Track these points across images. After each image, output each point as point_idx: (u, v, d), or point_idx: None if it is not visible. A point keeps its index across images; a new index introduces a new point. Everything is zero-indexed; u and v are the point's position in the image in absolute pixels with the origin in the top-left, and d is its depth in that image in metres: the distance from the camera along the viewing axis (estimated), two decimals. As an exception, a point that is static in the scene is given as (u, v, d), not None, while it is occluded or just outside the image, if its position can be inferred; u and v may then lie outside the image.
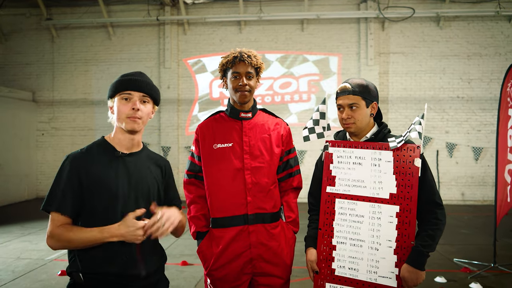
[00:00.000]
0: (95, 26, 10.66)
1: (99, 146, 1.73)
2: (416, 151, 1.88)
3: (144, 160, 1.78)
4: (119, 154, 1.71)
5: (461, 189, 9.87)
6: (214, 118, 2.26)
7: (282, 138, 2.24)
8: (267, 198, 2.14)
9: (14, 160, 10.00)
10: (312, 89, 10.16)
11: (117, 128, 1.74)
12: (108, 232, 1.55)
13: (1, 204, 9.37)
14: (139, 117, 1.69)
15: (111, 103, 1.74)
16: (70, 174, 1.61)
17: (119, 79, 1.72)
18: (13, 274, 4.58)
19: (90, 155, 1.68)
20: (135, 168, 1.72)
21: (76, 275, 1.61)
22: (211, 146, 2.17)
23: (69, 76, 10.83)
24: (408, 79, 10.05)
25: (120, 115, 1.69)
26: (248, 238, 2.09)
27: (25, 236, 6.37)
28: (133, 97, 1.69)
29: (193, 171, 2.24)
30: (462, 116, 9.93)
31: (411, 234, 1.84)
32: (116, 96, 1.70)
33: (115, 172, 1.67)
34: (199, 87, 10.46)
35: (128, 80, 1.70)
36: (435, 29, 9.99)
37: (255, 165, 2.13)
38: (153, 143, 10.48)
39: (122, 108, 1.68)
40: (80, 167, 1.63)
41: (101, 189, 1.62)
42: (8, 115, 9.87)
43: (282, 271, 2.14)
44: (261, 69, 2.18)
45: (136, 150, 1.78)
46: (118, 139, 1.74)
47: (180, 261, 4.95)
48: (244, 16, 10.10)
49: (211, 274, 2.12)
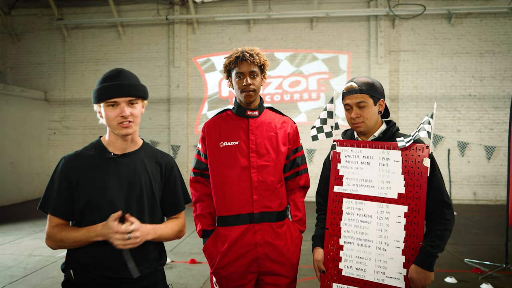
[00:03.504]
0: (106, 26, 10.75)
1: (93, 148, 1.72)
2: (425, 151, 1.85)
3: (140, 159, 1.74)
4: (110, 156, 1.69)
5: (473, 188, 9.73)
6: (220, 116, 2.26)
7: (289, 136, 2.22)
8: (273, 196, 2.13)
9: (26, 158, 10.15)
10: (321, 88, 10.11)
11: (109, 130, 1.71)
12: (94, 231, 1.57)
13: (14, 202, 9.55)
14: (131, 120, 1.64)
15: (98, 108, 1.67)
16: (62, 177, 1.63)
17: (101, 86, 1.62)
18: (25, 270, 4.64)
19: (83, 157, 1.68)
20: (128, 168, 1.69)
21: (67, 273, 1.64)
22: (217, 144, 2.16)
23: (80, 76, 10.94)
24: (419, 77, 9.94)
25: (111, 122, 1.64)
26: (253, 237, 2.08)
27: (37, 234, 6.45)
28: (119, 103, 1.62)
29: (199, 169, 2.24)
30: (474, 115, 9.79)
31: (420, 234, 1.82)
32: (102, 102, 1.63)
33: (105, 173, 1.65)
34: (208, 86, 10.48)
35: (110, 86, 1.60)
36: (447, 27, 9.85)
37: (261, 163, 2.12)
38: (162, 141, 10.54)
39: (111, 115, 1.62)
40: (73, 169, 1.64)
41: (91, 191, 1.62)
42: (21, 114, 10.02)
43: (288, 270, 2.13)
44: (265, 66, 2.17)
45: (131, 150, 1.74)
46: (111, 141, 1.72)
47: (188, 259, 4.98)
48: (253, 15, 10.09)
49: (217, 273, 2.13)
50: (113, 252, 1.60)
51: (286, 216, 2.20)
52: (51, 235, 1.61)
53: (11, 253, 5.36)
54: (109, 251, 1.59)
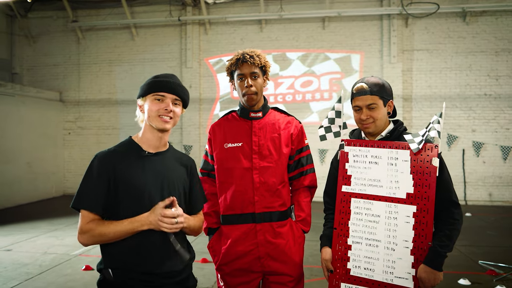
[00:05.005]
0: (119, 27, 10.89)
1: (126, 146, 1.76)
2: (433, 150, 1.84)
3: (170, 159, 1.82)
4: (145, 154, 1.74)
5: (488, 189, 9.57)
6: (226, 118, 2.30)
7: (292, 137, 2.22)
8: (275, 197, 2.15)
9: (42, 158, 10.35)
10: (333, 88, 10.06)
11: (146, 126, 1.77)
12: (138, 221, 1.60)
13: (30, 201, 9.73)
14: (171, 117, 1.74)
15: (142, 102, 1.77)
16: (99, 172, 1.64)
17: (153, 79, 1.74)
18: (40, 268, 4.74)
19: (118, 154, 1.71)
20: (162, 166, 1.75)
21: (106, 272, 1.65)
22: (222, 146, 2.21)
23: (94, 77, 11.11)
24: (433, 76, 9.82)
25: (152, 114, 1.72)
26: (255, 237, 2.12)
27: (52, 232, 6.58)
28: (166, 98, 1.72)
29: (206, 170, 2.31)
30: (489, 114, 9.62)
31: (429, 234, 1.81)
32: (148, 96, 1.73)
33: (142, 170, 1.70)
34: (220, 86, 10.53)
35: (162, 81, 1.72)
36: (461, 25, 9.71)
37: (264, 164, 2.14)
38: (175, 141, 10.62)
39: (155, 107, 1.71)
40: (108, 165, 1.66)
41: (128, 187, 1.65)
42: (37, 114, 10.22)
43: (291, 269, 2.14)
44: (266, 67, 2.18)
45: (162, 150, 1.82)
46: (146, 138, 1.77)
47: (200, 259, 5.01)
48: (265, 15, 10.10)
49: (221, 269, 2.18)
50: (153, 245, 1.64)
51: (289, 216, 2.21)
52: (88, 230, 1.59)
53: (27, 251, 5.47)
54: (149, 245, 1.64)
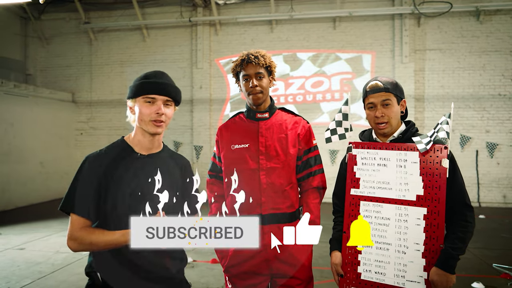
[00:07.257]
0: (130, 29, 10.99)
1: (118, 147, 1.71)
2: (443, 152, 1.81)
3: (163, 160, 1.75)
4: (137, 156, 1.69)
5: (502, 191, 9.39)
6: (233, 120, 2.29)
7: (299, 137, 2.20)
8: (282, 198, 2.12)
9: (55, 158, 10.49)
10: (344, 88, 9.99)
11: (137, 128, 1.72)
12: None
13: (42, 200, 9.88)
14: (163, 120, 1.67)
15: (131, 103, 1.70)
16: (88, 175, 1.59)
17: (142, 81, 1.66)
18: (53, 266, 4.79)
19: (109, 156, 1.65)
20: (154, 169, 1.69)
21: (94, 276, 1.61)
22: (229, 147, 2.19)
23: (106, 78, 11.22)
24: (446, 76, 9.68)
25: (144, 118, 1.65)
26: (263, 239, 2.07)
27: (64, 231, 6.63)
28: (157, 101, 1.65)
29: (214, 171, 2.30)
30: (504, 115, 9.45)
31: (440, 236, 1.78)
32: (138, 98, 1.66)
33: (133, 173, 1.64)
34: (230, 87, 10.54)
35: (152, 83, 1.65)
36: (475, 24, 9.55)
37: (271, 165, 2.12)
38: (185, 142, 10.67)
39: (146, 111, 1.64)
40: (98, 168, 1.60)
41: (119, 190, 1.60)
42: (49, 115, 10.38)
43: (299, 271, 2.12)
44: (272, 68, 2.16)
45: (156, 151, 1.75)
46: (138, 140, 1.72)
47: (210, 259, 5.02)
48: (275, 15, 10.08)
49: (228, 271, 2.16)
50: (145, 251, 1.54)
51: (298, 218, 2.18)
52: (78, 238, 1.53)
53: (39, 250, 5.54)
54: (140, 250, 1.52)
